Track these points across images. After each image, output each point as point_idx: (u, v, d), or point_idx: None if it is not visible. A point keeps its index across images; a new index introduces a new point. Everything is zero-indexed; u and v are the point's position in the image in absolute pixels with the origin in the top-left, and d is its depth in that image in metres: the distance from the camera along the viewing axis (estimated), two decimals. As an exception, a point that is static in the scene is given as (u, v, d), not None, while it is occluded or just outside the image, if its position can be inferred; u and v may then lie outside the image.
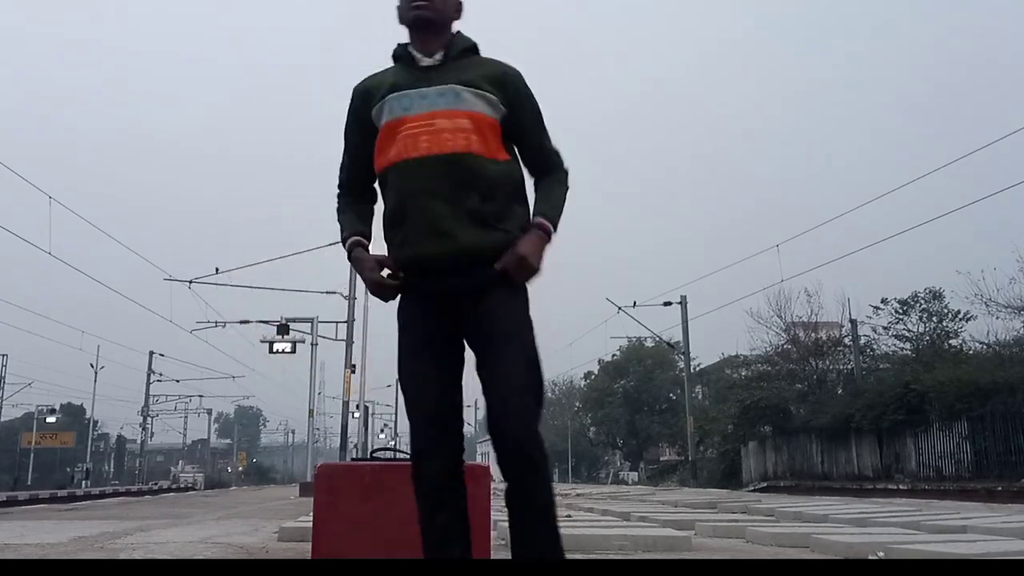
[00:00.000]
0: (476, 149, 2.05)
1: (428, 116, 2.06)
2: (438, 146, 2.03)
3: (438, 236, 2.01)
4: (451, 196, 2.02)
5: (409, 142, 2.06)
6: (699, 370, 37.17)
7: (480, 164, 2.05)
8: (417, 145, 2.05)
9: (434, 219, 2.01)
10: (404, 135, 2.07)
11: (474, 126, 2.06)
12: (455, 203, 2.02)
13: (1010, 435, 16.83)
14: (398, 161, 2.07)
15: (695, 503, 9.18)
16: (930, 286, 26.05)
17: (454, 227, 2.01)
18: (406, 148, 2.06)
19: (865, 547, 3.79)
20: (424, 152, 2.04)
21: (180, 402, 49.41)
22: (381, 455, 3.20)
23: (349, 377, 19.98)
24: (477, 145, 2.05)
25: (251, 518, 7.22)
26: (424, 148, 2.04)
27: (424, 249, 2.03)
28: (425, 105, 2.08)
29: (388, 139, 2.10)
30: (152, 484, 37.24)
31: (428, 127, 2.05)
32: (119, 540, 4.72)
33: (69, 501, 15.03)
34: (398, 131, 2.08)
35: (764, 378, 28.42)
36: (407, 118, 2.08)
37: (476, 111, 2.07)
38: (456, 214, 2.01)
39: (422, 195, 2.03)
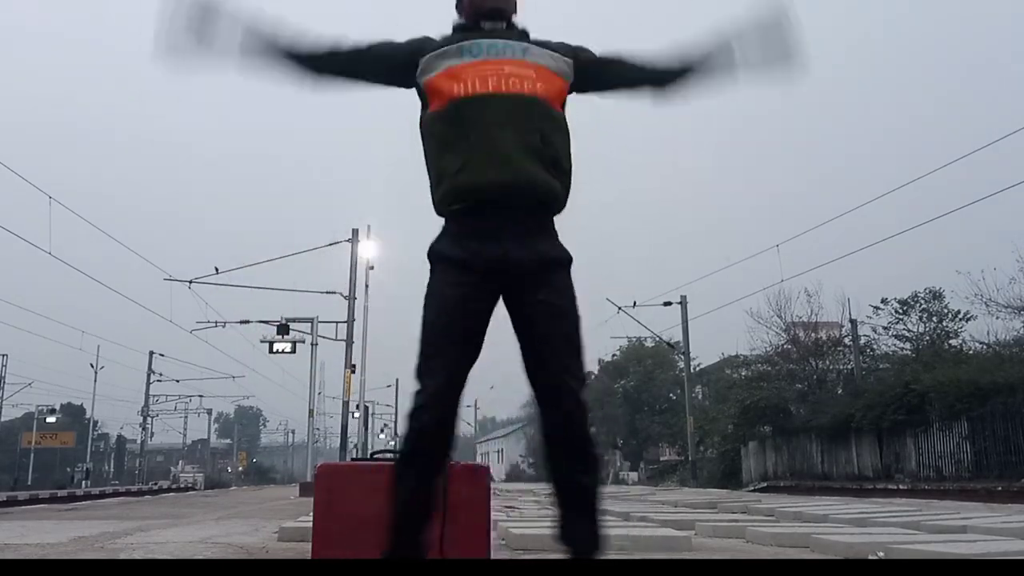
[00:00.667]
0: (541, 94, 2.11)
1: (496, 62, 2.12)
2: (506, 86, 2.09)
3: (501, 164, 2.03)
4: (516, 131, 2.05)
5: (477, 80, 2.09)
6: (699, 370, 37.14)
7: (544, 108, 2.11)
8: (486, 83, 2.09)
9: (499, 148, 2.03)
10: (471, 75, 2.10)
11: (538, 76, 2.12)
12: (519, 138, 2.05)
13: (1010, 435, 16.83)
14: (464, 95, 2.08)
15: (695, 503, 9.18)
16: (930, 286, 26.09)
17: (518, 158, 2.04)
18: (473, 85, 2.09)
19: (865, 547, 3.79)
20: (493, 89, 2.08)
21: (180, 402, 49.39)
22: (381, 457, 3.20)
23: (349, 377, 19.97)
24: (542, 91, 2.11)
25: (251, 518, 7.22)
26: (492, 85, 2.08)
27: (486, 175, 2.03)
28: (494, 52, 2.14)
29: (451, 78, 2.11)
30: (152, 484, 37.24)
31: (497, 71, 2.10)
32: (119, 540, 4.72)
33: (69, 501, 15.03)
34: (463, 71, 2.10)
35: (764, 378, 28.41)
36: (475, 62, 2.12)
37: (542, 64, 2.15)
38: (520, 147, 2.04)
39: (488, 126, 2.05)
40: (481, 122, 2.05)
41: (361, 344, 20.59)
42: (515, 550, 3.99)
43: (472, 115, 2.07)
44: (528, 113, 2.08)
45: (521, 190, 2.04)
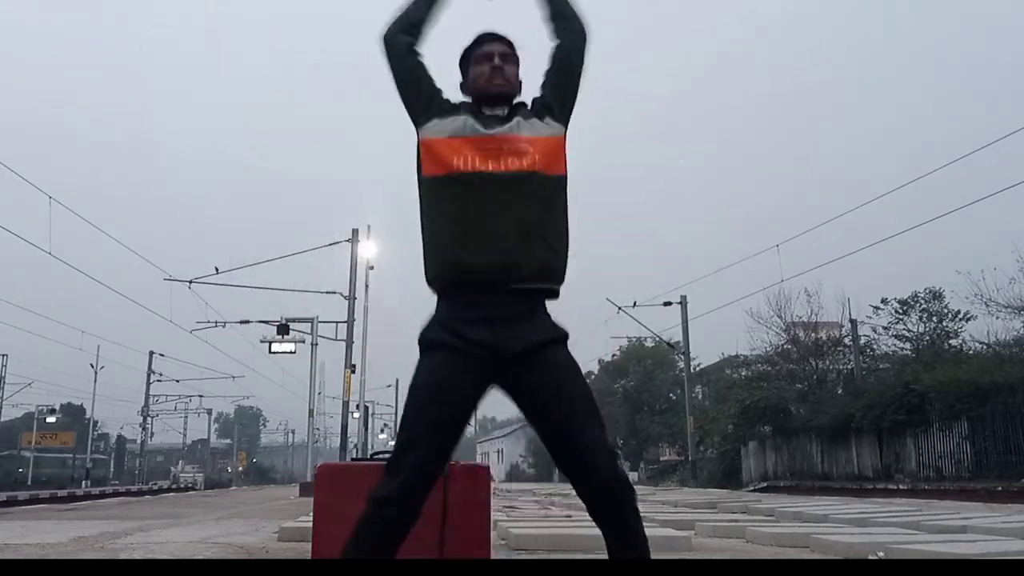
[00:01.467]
0: (539, 166, 2.11)
1: (495, 139, 2.12)
2: (505, 164, 2.09)
3: (496, 246, 2.02)
4: (513, 212, 2.05)
5: (477, 157, 2.09)
6: (699, 370, 37.14)
7: (542, 182, 2.11)
8: (485, 161, 2.09)
9: (495, 229, 2.03)
10: (471, 151, 2.10)
11: (535, 147, 2.13)
12: (516, 219, 2.04)
13: (1010, 435, 16.84)
14: (462, 170, 2.08)
15: (695, 503, 9.18)
16: (930, 286, 26.08)
17: (514, 240, 2.03)
18: (472, 162, 2.09)
19: (865, 547, 3.80)
20: (492, 167, 2.08)
21: (180, 402, 49.42)
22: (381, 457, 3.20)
23: (349, 377, 19.96)
24: (541, 163, 2.12)
25: (251, 518, 7.22)
26: (492, 164, 2.09)
27: (481, 257, 2.02)
28: (490, 131, 2.13)
29: (451, 149, 2.11)
30: (152, 484, 37.23)
31: (496, 148, 2.10)
32: (119, 540, 4.72)
33: (69, 501, 15.03)
34: (464, 145, 2.11)
35: (764, 378, 28.41)
36: (475, 137, 2.12)
37: (538, 135, 2.15)
38: (515, 229, 2.04)
39: (484, 207, 2.05)
40: (478, 202, 2.05)
41: (361, 344, 20.60)
42: (515, 550, 3.99)
43: (469, 193, 2.06)
44: (526, 191, 2.07)
45: (517, 273, 2.03)
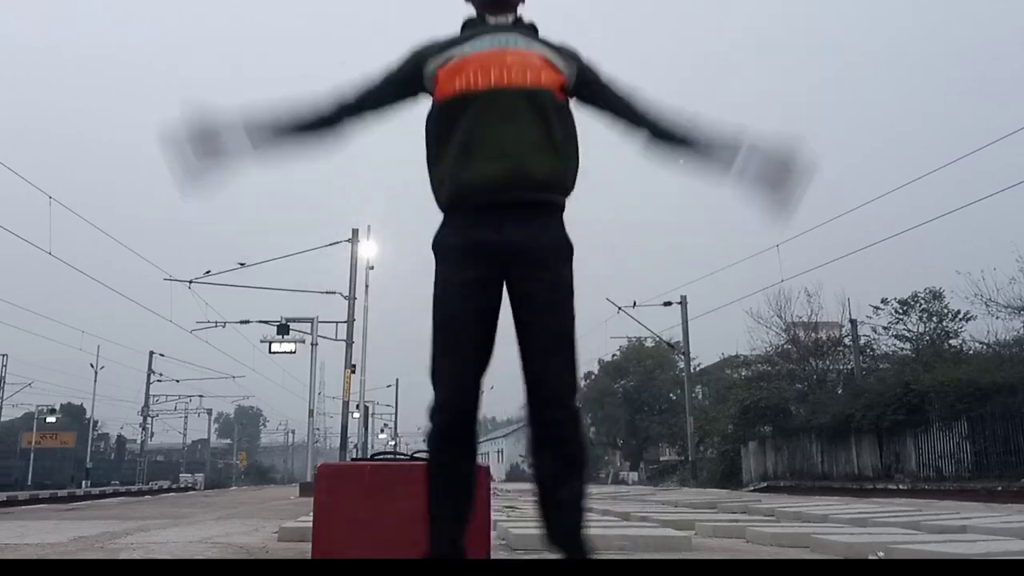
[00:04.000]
0: (544, 83, 2.09)
1: (499, 52, 2.11)
2: (508, 77, 2.07)
3: (502, 159, 2.01)
4: (517, 124, 2.04)
5: (479, 72, 2.08)
6: (699, 370, 37.14)
7: (547, 97, 2.09)
8: (487, 74, 2.07)
9: (500, 142, 2.02)
10: (473, 67, 2.09)
11: (541, 65, 2.11)
12: (521, 131, 2.04)
13: (1010, 435, 16.84)
14: (464, 89, 2.07)
15: (695, 503, 9.17)
16: (930, 286, 26.11)
17: (520, 152, 2.02)
18: (474, 78, 2.08)
19: (865, 547, 3.79)
20: (495, 81, 2.06)
21: (180, 402, 49.45)
22: (382, 458, 3.20)
23: (349, 377, 19.96)
24: (545, 80, 2.09)
25: (251, 518, 7.21)
26: (494, 77, 2.07)
27: (486, 171, 2.01)
28: (496, 43, 2.13)
29: (453, 71, 2.10)
30: (152, 484, 37.23)
31: (499, 61, 2.09)
32: (119, 540, 4.72)
33: (69, 501, 15.03)
34: (465, 64, 2.10)
35: (764, 378, 28.43)
36: (476, 53, 2.11)
37: (544, 55, 2.13)
38: (521, 140, 2.03)
39: (488, 121, 2.04)
40: (481, 117, 2.04)
41: (361, 344, 20.59)
42: (515, 550, 3.99)
43: (472, 110, 2.05)
44: (530, 104, 2.06)
45: (522, 184, 2.02)
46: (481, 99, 2.06)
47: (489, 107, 2.05)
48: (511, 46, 2.12)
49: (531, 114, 2.05)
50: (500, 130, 2.03)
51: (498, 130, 2.03)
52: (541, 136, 2.05)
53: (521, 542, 4.07)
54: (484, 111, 2.05)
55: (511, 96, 2.06)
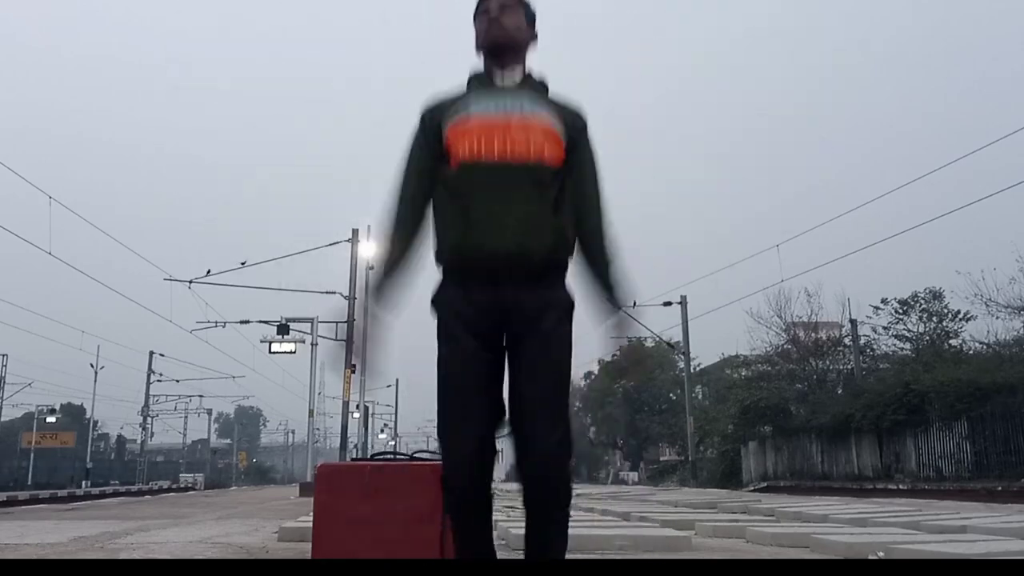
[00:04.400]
0: (548, 158, 2.07)
1: (504, 119, 2.08)
2: (512, 151, 2.05)
3: (507, 236, 2.00)
4: (518, 201, 2.03)
5: (483, 140, 2.06)
6: (699, 370, 37.14)
7: (551, 173, 2.07)
8: (491, 144, 2.05)
9: (500, 220, 2.01)
10: (476, 133, 2.07)
11: (545, 136, 2.09)
12: (522, 208, 2.02)
13: (1010, 435, 16.84)
14: (467, 158, 2.06)
15: (695, 503, 9.17)
16: (930, 286, 26.12)
17: (520, 230, 2.01)
18: (478, 146, 2.06)
19: (865, 547, 3.79)
20: (499, 155, 2.05)
21: (180, 402, 49.45)
22: (381, 458, 3.20)
23: (349, 377, 19.96)
24: (548, 153, 2.08)
25: (251, 518, 7.21)
26: (498, 151, 2.05)
27: (490, 248, 2.00)
28: (501, 107, 2.10)
29: (459, 135, 2.08)
30: (152, 484, 37.24)
31: (502, 131, 2.07)
32: (119, 540, 4.72)
33: (69, 501, 15.03)
34: (470, 128, 2.08)
35: (764, 378, 28.43)
36: (481, 118, 2.09)
37: (549, 123, 2.11)
38: (521, 218, 2.02)
39: (491, 196, 2.02)
40: (483, 190, 2.03)
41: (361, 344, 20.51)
42: (515, 550, 3.99)
43: (475, 181, 2.04)
44: (532, 180, 2.05)
45: (522, 266, 2.02)
46: (484, 171, 2.05)
47: (491, 180, 2.04)
48: (516, 111, 2.10)
49: (533, 190, 2.04)
50: (502, 205, 2.02)
51: (500, 205, 2.02)
52: (543, 213, 2.04)
53: (521, 542, 4.06)
54: (486, 184, 2.04)
55: (514, 171, 2.04)
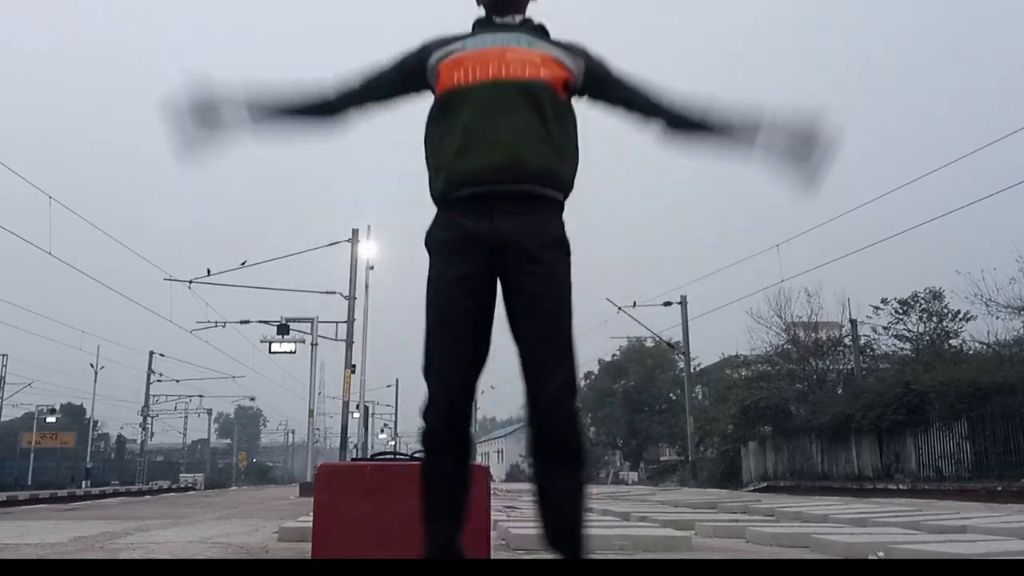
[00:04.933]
0: (544, 78, 2.07)
1: (500, 50, 2.10)
2: (506, 72, 2.06)
3: (498, 149, 2.00)
4: (515, 116, 2.02)
5: (478, 67, 2.07)
6: (699, 370, 37.14)
7: (546, 92, 2.07)
8: (486, 69, 2.07)
9: (496, 133, 2.01)
10: (472, 62, 2.08)
11: (543, 62, 2.09)
12: (519, 123, 2.02)
13: (1010, 435, 16.84)
14: (462, 83, 2.07)
15: (695, 503, 9.17)
16: (930, 286, 26.12)
17: (516, 142, 2.00)
18: (473, 72, 2.07)
19: (865, 547, 3.79)
20: (493, 75, 2.06)
21: (180, 402, 49.47)
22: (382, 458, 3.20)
23: (349, 377, 19.96)
24: (546, 76, 2.08)
25: (251, 518, 7.21)
26: (492, 71, 2.06)
27: (483, 160, 1.99)
28: (497, 41, 2.12)
29: (453, 66, 2.10)
30: (152, 484, 37.25)
31: (498, 57, 2.08)
32: (119, 540, 4.72)
33: (69, 501, 15.03)
34: (465, 59, 2.09)
35: (764, 378, 28.44)
36: (478, 50, 2.11)
37: (547, 53, 2.12)
38: (518, 132, 2.01)
39: (485, 113, 2.02)
40: (479, 109, 2.02)
41: (361, 344, 20.59)
42: (515, 550, 3.99)
43: (470, 102, 2.04)
44: (528, 98, 2.04)
45: (516, 174, 1.99)
46: (478, 93, 2.05)
47: (486, 101, 2.03)
48: (514, 44, 2.11)
49: (528, 107, 2.03)
50: (496, 123, 2.01)
51: (494, 123, 2.01)
52: (538, 129, 2.02)
53: (521, 542, 4.06)
54: (481, 105, 2.03)
55: (508, 89, 2.04)
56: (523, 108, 2.03)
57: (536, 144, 2.02)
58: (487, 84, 2.05)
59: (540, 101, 2.05)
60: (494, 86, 2.05)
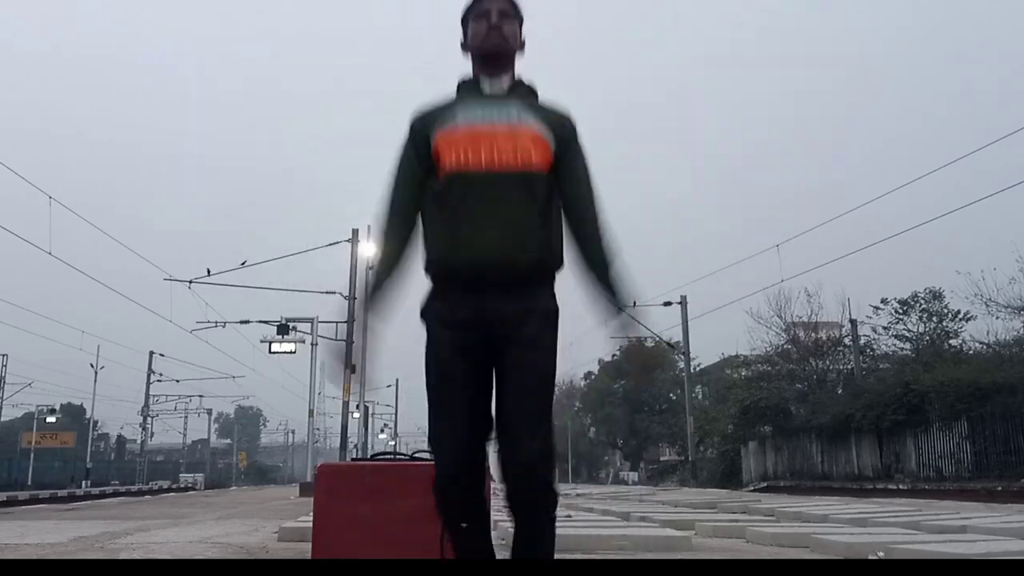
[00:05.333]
0: (536, 164, 2.07)
1: (490, 131, 2.08)
2: (499, 160, 2.05)
3: (493, 247, 2.01)
4: (504, 210, 2.03)
5: (469, 150, 2.06)
6: (699, 370, 37.15)
7: (539, 180, 2.08)
8: (478, 153, 2.06)
9: (490, 230, 2.01)
10: (463, 142, 2.07)
11: (533, 143, 2.09)
12: (508, 217, 2.02)
13: (1010, 435, 16.84)
14: (456, 170, 2.06)
15: (695, 503, 9.18)
16: (930, 286, 26.14)
17: (506, 240, 2.01)
18: (464, 155, 2.06)
19: (865, 547, 3.80)
20: (485, 164, 2.05)
21: (180, 402, 49.43)
22: (382, 458, 3.20)
23: (349, 377, 19.95)
24: (536, 160, 2.08)
25: (251, 518, 7.21)
26: (485, 160, 2.05)
27: (477, 259, 2.01)
28: (488, 117, 2.11)
29: (447, 147, 2.08)
30: (152, 484, 37.26)
31: (490, 140, 2.07)
32: (119, 540, 4.72)
33: (69, 501, 15.03)
34: (459, 142, 2.08)
35: (764, 378, 28.45)
36: (469, 128, 2.09)
37: (536, 132, 2.11)
38: (508, 227, 2.02)
39: (477, 205, 2.02)
40: (472, 199, 2.03)
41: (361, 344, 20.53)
42: (515, 550, 3.99)
43: (463, 191, 2.05)
44: (521, 186, 2.05)
45: (508, 273, 2.02)
46: (470, 180, 2.05)
47: (478, 189, 2.04)
48: (504, 120, 2.10)
49: (520, 197, 2.04)
50: (488, 216, 2.02)
51: (486, 216, 2.02)
52: (530, 219, 2.05)
53: (521, 542, 4.06)
54: (473, 193, 2.04)
55: (500, 180, 2.04)
56: (515, 197, 2.04)
57: (529, 237, 2.04)
58: (480, 173, 2.05)
59: (533, 189, 2.06)
60: (487, 175, 2.04)
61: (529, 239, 2.04)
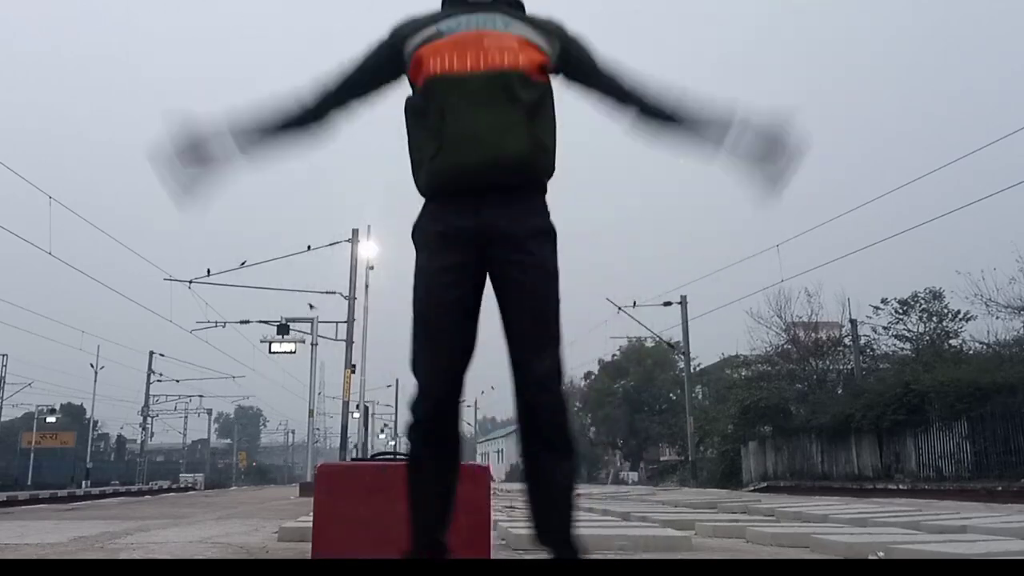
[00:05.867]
0: (523, 66, 2.05)
1: (476, 35, 2.07)
2: (485, 61, 2.03)
3: (477, 146, 1.98)
4: (493, 109, 2.00)
5: (455, 55, 2.04)
6: (699, 370, 37.13)
7: (524, 81, 2.04)
8: (464, 58, 2.03)
9: (475, 128, 1.99)
10: (448, 49, 2.05)
11: (520, 47, 2.06)
12: (497, 116, 2.00)
13: (1010, 435, 16.84)
14: (439, 72, 2.04)
15: (695, 503, 9.17)
16: (930, 286, 26.13)
17: (495, 138, 1.99)
18: (450, 61, 2.04)
19: (865, 547, 3.79)
20: (471, 65, 2.03)
21: (180, 402, 49.46)
22: (382, 458, 3.20)
23: (349, 377, 19.95)
24: (524, 62, 2.05)
25: (251, 518, 7.21)
26: (471, 61, 2.03)
27: (462, 158, 1.98)
28: (473, 24, 2.09)
29: (430, 54, 2.06)
30: (152, 484, 37.25)
31: (475, 44, 2.05)
32: (119, 540, 4.71)
33: (69, 501, 15.02)
34: (441, 46, 2.06)
35: (764, 378, 28.43)
36: (453, 36, 2.07)
37: (523, 36, 2.09)
38: (497, 126, 1.99)
39: (464, 106, 2.00)
40: (457, 102, 2.00)
41: (361, 344, 20.58)
42: (515, 550, 3.99)
43: (448, 94, 2.02)
44: (506, 88, 2.02)
45: (498, 169, 1.99)
46: (456, 83, 2.02)
47: (464, 92, 2.01)
48: (489, 27, 2.08)
49: (507, 97, 2.01)
50: (475, 116, 2.00)
51: (473, 116, 2.00)
52: (517, 119, 2.01)
53: (521, 542, 4.06)
54: (459, 96, 2.01)
55: (486, 80, 2.02)
56: (502, 99, 2.01)
57: (516, 136, 2.01)
58: (465, 75, 2.02)
59: (519, 90, 2.03)
60: (471, 77, 2.02)
61: (516, 136, 2.00)
